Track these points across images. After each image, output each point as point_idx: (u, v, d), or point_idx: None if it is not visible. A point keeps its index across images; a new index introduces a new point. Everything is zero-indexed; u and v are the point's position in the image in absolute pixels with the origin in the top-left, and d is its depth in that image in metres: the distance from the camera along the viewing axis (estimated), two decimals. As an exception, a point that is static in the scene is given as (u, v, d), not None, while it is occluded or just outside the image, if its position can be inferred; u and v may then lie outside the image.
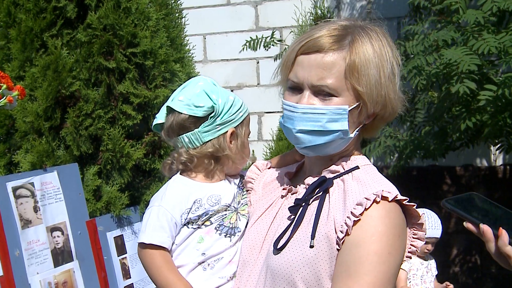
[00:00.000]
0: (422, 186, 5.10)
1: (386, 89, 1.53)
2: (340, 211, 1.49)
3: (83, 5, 2.70)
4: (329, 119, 1.52)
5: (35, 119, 2.61)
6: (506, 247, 1.22)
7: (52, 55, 2.60)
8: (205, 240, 1.65)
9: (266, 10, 5.48)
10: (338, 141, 1.56)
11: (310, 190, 1.57)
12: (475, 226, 1.28)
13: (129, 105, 2.71)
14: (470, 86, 2.87)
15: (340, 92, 1.51)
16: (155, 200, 1.69)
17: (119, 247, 2.69)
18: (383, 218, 1.45)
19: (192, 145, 1.69)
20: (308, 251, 1.48)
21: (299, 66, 1.55)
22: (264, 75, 5.52)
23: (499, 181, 5.04)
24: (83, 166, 2.66)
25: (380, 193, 1.47)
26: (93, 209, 2.62)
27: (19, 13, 2.67)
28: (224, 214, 1.68)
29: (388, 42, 1.57)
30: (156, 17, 2.85)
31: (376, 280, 1.41)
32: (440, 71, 3.02)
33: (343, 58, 1.51)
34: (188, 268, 1.64)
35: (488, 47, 2.85)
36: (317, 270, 1.46)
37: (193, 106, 1.66)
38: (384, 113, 1.58)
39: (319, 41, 1.52)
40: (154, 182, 2.82)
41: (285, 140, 4.43)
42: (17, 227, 2.26)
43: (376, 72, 1.51)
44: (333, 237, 1.46)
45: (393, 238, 1.44)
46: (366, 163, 1.61)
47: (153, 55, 2.77)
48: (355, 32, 1.54)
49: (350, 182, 1.54)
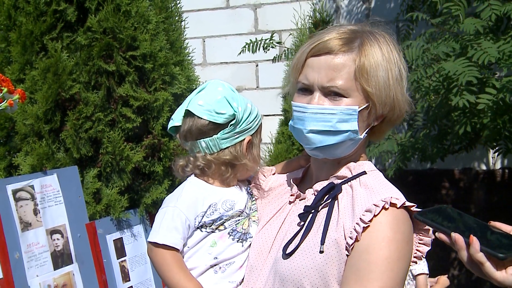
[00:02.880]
0: (421, 189, 5.11)
1: (395, 90, 1.56)
2: (349, 217, 1.50)
3: (83, 8, 2.71)
4: (339, 119, 1.54)
5: (35, 121, 2.61)
6: (478, 253, 1.24)
7: (52, 58, 2.61)
8: (218, 245, 1.65)
9: (265, 13, 5.49)
10: (347, 142, 1.57)
11: (319, 197, 1.58)
12: (447, 235, 1.30)
13: (128, 108, 2.71)
14: (470, 99, 2.87)
15: (350, 93, 1.54)
16: (170, 201, 1.68)
17: (118, 249, 2.69)
18: (392, 224, 1.47)
19: (209, 151, 1.69)
20: (317, 256, 1.49)
21: (309, 68, 1.58)
22: (263, 78, 5.53)
23: (498, 185, 5.05)
24: (83, 169, 2.66)
25: (389, 200, 1.48)
26: (93, 211, 2.62)
27: (19, 16, 2.68)
28: (238, 219, 1.69)
29: (395, 46, 1.60)
30: (156, 20, 2.86)
31: (385, 286, 1.43)
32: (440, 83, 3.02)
33: (353, 59, 1.54)
34: (199, 270, 1.65)
35: (488, 57, 2.84)
36: (326, 276, 1.48)
37: (214, 113, 1.66)
38: (392, 115, 1.61)
39: (329, 43, 1.55)
40: (154, 185, 2.83)
41: (284, 143, 4.43)
42: (17, 229, 2.26)
43: (384, 74, 1.54)
44: (343, 243, 1.47)
45: (401, 244, 1.46)
46: (372, 169, 1.63)
47: (153, 58, 2.78)
48: (364, 35, 1.58)
49: (358, 189, 1.55)
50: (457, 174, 5.17)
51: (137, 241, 2.79)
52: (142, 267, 2.78)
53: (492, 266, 1.24)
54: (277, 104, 5.05)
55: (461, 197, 5.13)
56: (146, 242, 2.80)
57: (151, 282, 2.80)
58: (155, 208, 2.79)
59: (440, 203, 5.13)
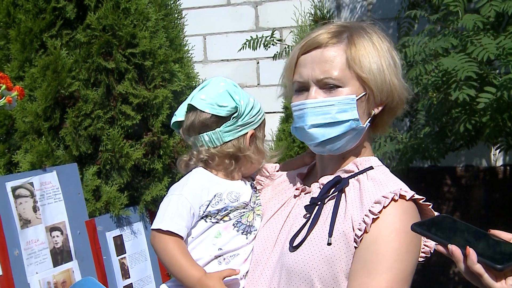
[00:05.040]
0: (423, 186, 5.10)
1: (390, 76, 1.57)
2: (357, 209, 1.50)
3: (82, 5, 2.71)
4: (338, 110, 1.54)
5: (35, 119, 2.61)
6: (475, 265, 1.21)
7: (52, 56, 2.61)
8: (223, 236, 1.66)
9: (266, 10, 5.48)
10: (351, 132, 1.56)
11: (325, 190, 1.58)
12: (444, 247, 1.28)
13: (128, 105, 2.71)
14: (470, 93, 2.86)
15: (346, 82, 1.54)
16: (175, 189, 1.68)
17: (118, 247, 2.69)
18: (401, 216, 1.47)
19: (212, 144, 1.70)
20: (325, 248, 1.48)
21: (302, 66, 1.58)
22: (264, 76, 5.52)
23: (499, 182, 5.03)
24: (82, 166, 2.66)
25: (398, 192, 1.48)
26: (93, 209, 2.63)
27: (18, 13, 2.68)
28: (243, 211, 1.69)
29: (385, 37, 1.61)
30: (155, 18, 2.86)
31: (394, 278, 1.42)
32: (439, 79, 3.01)
33: (343, 50, 1.55)
34: (203, 261, 1.64)
35: (487, 53, 2.83)
36: (334, 268, 1.47)
37: (216, 106, 1.67)
38: (392, 102, 1.61)
39: (318, 38, 1.57)
40: (154, 182, 2.83)
41: (285, 140, 4.43)
42: (17, 227, 2.27)
43: (377, 60, 1.55)
44: (351, 235, 1.47)
45: (410, 237, 1.45)
46: (379, 164, 1.63)
47: (152, 56, 2.78)
48: (352, 29, 1.59)
49: (365, 182, 1.55)
50: (459, 171, 5.16)
51: (137, 238, 2.79)
52: (142, 264, 2.78)
53: (491, 278, 1.20)
54: (278, 101, 5.05)
55: (462, 194, 5.12)
56: (145, 239, 2.81)
57: (151, 279, 2.80)
58: (155, 205, 2.80)
59: (442, 200, 5.13)
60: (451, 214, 5.14)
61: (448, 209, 5.17)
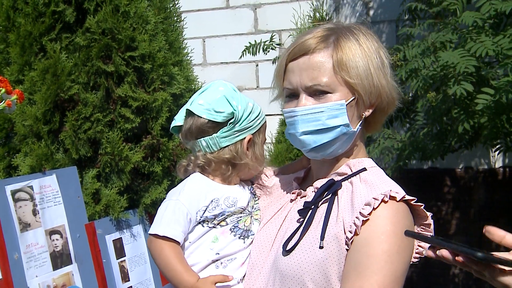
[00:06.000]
0: (422, 188, 5.10)
1: (377, 77, 1.57)
2: (348, 212, 1.51)
3: (81, 9, 2.71)
4: (329, 116, 1.55)
5: (34, 122, 2.62)
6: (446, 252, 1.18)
7: (51, 59, 2.61)
8: (220, 240, 1.67)
9: (265, 13, 5.49)
10: (342, 137, 1.58)
11: (319, 193, 1.59)
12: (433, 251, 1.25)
13: (127, 108, 2.72)
14: (467, 88, 2.87)
15: (334, 88, 1.55)
16: (172, 195, 1.70)
17: (118, 250, 2.69)
18: (392, 217, 1.47)
19: (210, 150, 1.70)
20: (317, 252, 1.49)
21: (290, 73, 1.60)
22: (264, 78, 5.53)
23: (499, 183, 5.04)
24: (82, 169, 2.66)
25: (388, 193, 1.49)
26: (92, 212, 2.63)
27: (18, 17, 2.68)
28: (240, 216, 1.70)
29: (373, 36, 1.62)
30: (154, 21, 2.86)
31: (385, 279, 1.43)
32: (437, 73, 3.02)
33: (330, 55, 1.55)
34: (201, 265, 1.66)
35: (486, 49, 2.85)
36: (327, 271, 1.48)
37: (213, 111, 1.68)
38: (381, 103, 1.61)
39: (305, 44, 1.58)
40: (153, 185, 2.83)
41: (284, 142, 4.43)
42: (16, 230, 2.27)
43: (364, 63, 1.55)
44: (342, 237, 1.48)
45: (401, 238, 1.45)
46: (372, 165, 1.63)
47: (152, 59, 2.78)
48: (339, 31, 1.59)
49: (358, 184, 1.56)
50: (458, 173, 5.16)
51: (137, 241, 2.79)
52: (142, 267, 2.78)
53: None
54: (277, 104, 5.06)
55: (462, 195, 5.12)
56: (145, 242, 2.81)
57: (150, 282, 2.80)
58: (154, 208, 2.80)
59: (442, 201, 5.13)
60: (451, 215, 5.15)
61: (448, 210, 5.17)
